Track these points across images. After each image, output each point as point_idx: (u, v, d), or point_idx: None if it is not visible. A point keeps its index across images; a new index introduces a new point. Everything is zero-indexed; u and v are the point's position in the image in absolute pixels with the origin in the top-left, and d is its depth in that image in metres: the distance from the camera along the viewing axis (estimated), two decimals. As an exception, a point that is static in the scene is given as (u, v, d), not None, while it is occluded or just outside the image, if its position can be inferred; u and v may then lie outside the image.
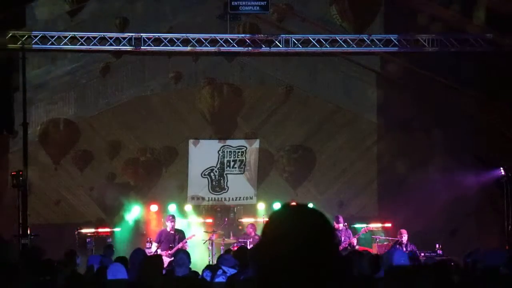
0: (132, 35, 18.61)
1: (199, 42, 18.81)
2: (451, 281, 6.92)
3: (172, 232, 16.35)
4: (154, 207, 18.87)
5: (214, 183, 19.61)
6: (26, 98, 17.73)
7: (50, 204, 19.28)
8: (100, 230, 18.35)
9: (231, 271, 8.84)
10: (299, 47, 18.99)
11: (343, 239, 16.70)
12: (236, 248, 14.64)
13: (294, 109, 20.01)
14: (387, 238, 17.85)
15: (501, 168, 17.75)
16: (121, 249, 16.98)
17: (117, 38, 18.64)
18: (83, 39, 18.45)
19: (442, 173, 18.97)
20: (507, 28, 18.13)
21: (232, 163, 19.59)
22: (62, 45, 18.38)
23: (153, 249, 15.95)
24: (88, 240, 18.06)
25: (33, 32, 18.23)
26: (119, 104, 19.58)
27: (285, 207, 2.37)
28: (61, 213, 19.30)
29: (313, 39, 18.93)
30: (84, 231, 18.14)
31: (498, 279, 6.57)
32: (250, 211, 19.38)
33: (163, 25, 19.11)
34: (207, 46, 18.84)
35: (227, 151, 19.59)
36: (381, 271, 8.53)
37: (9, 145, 18.78)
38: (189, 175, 19.50)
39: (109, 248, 15.09)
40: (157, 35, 18.71)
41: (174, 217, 16.82)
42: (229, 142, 19.66)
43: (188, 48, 18.87)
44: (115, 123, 19.59)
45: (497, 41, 18.63)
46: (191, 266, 9.73)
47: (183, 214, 18.98)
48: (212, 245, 16.98)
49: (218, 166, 19.60)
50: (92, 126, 19.50)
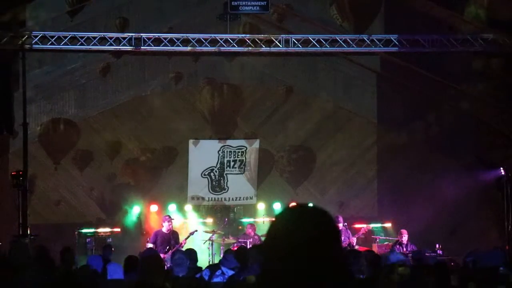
0: (132, 35, 18.61)
1: (199, 42, 18.80)
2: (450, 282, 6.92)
3: (168, 233, 16.10)
4: (154, 207, 18.86)
5: (214, 183, 19.60)
6: (26, 98, 17.74)
7: (50, 204, 19.28)
8: (100, 230, 18.35)
9: (229, 273, 8.85)
10: (299, 47, 18.99)
11: (342, 239, 16.71)
12: (236, 248, 14.67)
13: (294, 109, 20.01)
14: (387, 238, 17.86)
15: (501, 168, 17.75)
16: (121, 249, 16.97)
17: (117, 38, 18.64)
18: (83, 39, 18.45)
19: (442, 173, 18.97)
20: (507, 28, 18.13)
21: (232, 163, 19.59)
22: (62, 45, 18.37)
23: (149, 250, 15.89)
24: (88, 240, 18.07)
25: (33, 32, 18.23)
26: (119, 104, 19.58)
27: (291, 207, 2.40)
28: (61, 213, 19.30)
29: (313, 39, 18.92)
30: (84, 231, 18.15)
31: (498, 278, 6.58)
32: (250, 211, 19.39)
33: (163, 25, 19.11)
34: (207, 46, 18.84)
35: (227, 151, 19.58)
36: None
37: (9, 145, 18.78)
38: (189, 175, 19.50)
39: (108, 248, 15.07)
40: (157, 35, 18.71)
41: (170, 217, 16.56)
42: (229, 142, 19.65)
43: (188, 48, 18.87)
44: (115, 123, 19.58)
45: (497, 41, 18.63)
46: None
47: (183, 214, 18.99)
48: (212, 245, 16.97)
49: (218, 166, 19.60)
50: (92, 126, 19.50)
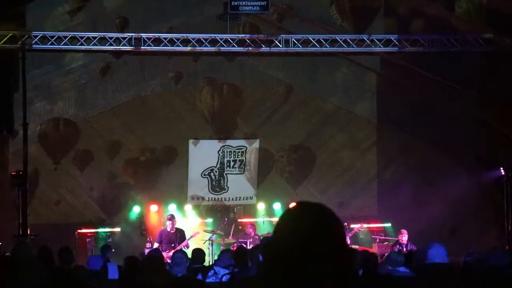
0: (132, 35, 18.61)
1: (199, 42, 18.81)
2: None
3: (172, 231, 16.37)
4: (154, 207, 18.87)
5: (214, 183, 19.60)
6: (26, 98, 17.74)
7: (50, 204, 19.28)
8: (100, 230, 18.36)
9: (221, 272, 8.85)
10: (299, 47, 18.99)
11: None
12: (235, 248, 14.66)
13: (294, 109, 20.01)
14: (387, 238, 17.87)
15: (501, 168, 17.75)
16: (121, 249, 16.98)
17: (117, 38, 18.64)
18: (83, 39, 18.46)
19: (442, 173, 18.97)
20: (507, 28, 18.13)
21: (232, 163, 19.59)
22: (62, 45, 18.38)
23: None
24: (88, 240, 18.08)
25: (33, 32, 18.23)
26: (119, 104, 19.58)
27: (293, 206, 2.40)
28: (61, 213, 19.30)
29: (313, 39, 18.92)
30: (84, 231, 18.16)
31: (499, 279, 6.56)
32: (250, 211, 19.39)
33: (163, 25, 19.11)
34: (207, 46, 18.84)
35: (227, 151, 19.58)
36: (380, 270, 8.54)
37: (9, 145, 18.78)
38: (189, 175, 19.50)
39: (107, 248, 15.05)
40: (157, 35, 18.71)
41: (173, 216, 16.84)
42: (229, 142, 19.65)
43: (188, 48, 18.87)
44: (115, 123, 19.59)
45: (497, 41, 18.64)
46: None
47: (183, 214, 19.00)
48: (212, 245, 16.98)
49: (218, 166, 19.60)
50: (92, 126, 19.50)
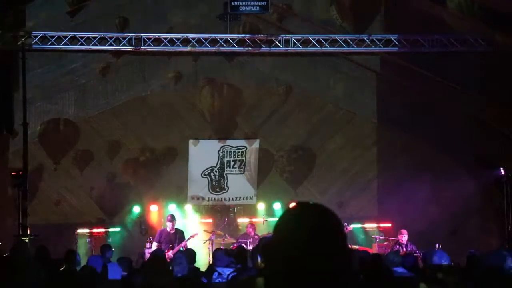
0: (132, 35, 18.61)
1: (199, 42, 18.81)
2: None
3: (172, 232, 16.39)
4: (154, 207, 18.88)
5: (214, 183, 19.60)
6: (26, 98, 17.72)
7: (50, 204, 19.27)
8: (100, 230, 18.36)
9: (226, 272, 8.85)
10: (299, 47, 18.99)
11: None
12: (235, 247, 14.66)
13: (294, 109, 20.01)
14: (387, 238, 17.87)
15: (501, 168, 17.75)
16: (121, 249, 16.99)
17: (117, 38, 18.64)
18: (83, 39, 18.46)
19: (442, 173, 18.98)
20: (507, 28, 18.13)
21: (232, 163, 19.59)
22: (62, 45, 18.38)
23: (153, 249, 15.95)
24: (88, 240, 18.09)
25: (33, 32, 18.23)
26: (119, 104, 19.58)
27: (292, 206, 2.40)
28: (61, 213, 19.29)
29: (313, 39, 18.93)
30: (84, 231, 18.16)
31: (500, 279, 6.56)
32: (250, 211, 19.39)
33: (163, 25, 19.11)
34: (207, 46, 18.85)
35: (227, 151, 19.58)
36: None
37: (9, 145, 18.77)
38: (189, 175, 19.49)
39: (108, 248, 15.05)
40: (157, 35, 18.71)
41: (173, 217, 16.87)
42: (229, 142, 19.65)
43: (188, 48, 18.87)
44: (115, 123, 19.58)
45: (497, 41, 18.63)
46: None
47: (183, 214, 19.00)
48: (212, 245, 16.98)
49: (218, 166, 19.59)
50: (92, 126, 19.49)
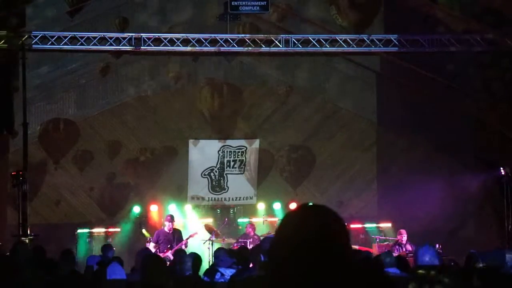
0: (132, 35, 18.60)
1: (199, 42, 18.80)
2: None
3: (170, 232, 16.33)
4: (154, 207, 18.87)
5: (214, 183, 19.60)
6: (26, 98, 17.71)
7: (50, 204, 19.27)
8: (99, 230, 18.35)
9: (228, 272, 8.84)
10: (299, 47, 18.99)
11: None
12: (236, 247, 14.66)
13: (294, 109, 20.01)
14: (387, 238, 17.86)
15: (501, 168, 17.75)
16: (121, 249, 16.98)
17: (117, 38, 18.63)
18: (83, 39, 18.45)
19: (442, 173, 18.98)
20: (507, 28, 18.13)
21: (232, 163, 19.59)
22: (62, 45, 18.37)
23: (151, 249, 15.93)
24: (88, 240, 18.08)
25: (33, 32, 18.22)
26: (119, 104, 19.58)
27: (297, 207, 2.39)
28: (61, 213, 19.29)
29: (313, 39, 18.92)
30: (84, 231, 18.15)
31: (500, 279, 6.56)
32: (250, 211, 19.39)
33: (163, 25, 19.11)
34: (207, 46, 18.83)
35: (227, 151, 19.58)
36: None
37: (9, 145, 18.77)
38: (189, 175, 19.49)
39: (108, 247, 15.05)
40: (157, 35, 18.70)
41: (173, 217, 16.81)
42: (229, 142, 19.65)
43: (188, 48, 18.87)
44: (115, 123, 19.58)
45: (497, 41, 18.64)
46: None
47: (183, 214, 19.00)
48: (212, 245, 16.97)
49: (218, 166, 19.59)
50: (92, 126, 19.49)
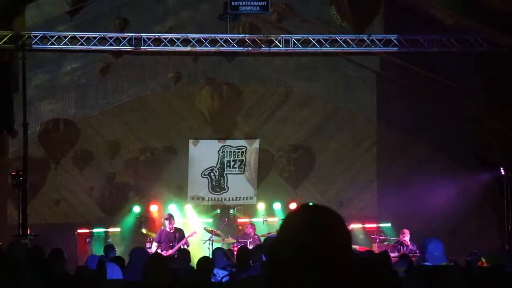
0: (132, 35, 18.60)
1: (199, 42, 18.80)
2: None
3: (171, 231, 16.38)
4: (154, 207, 18.87)
5: (214, 183, 19.60)
6: (26, 98, 17.72)
7: (50, 204, 19.27)
8: (100, 230, 18.35)
9: (220, 273, 8.84)
10: (299, 47, 18.98)
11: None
12: (236, 247, 14.66)
13: (294, 109, 20.02)
14: (387, 238, 17.87)
15: (501, 168, 17.75)
16: (121, 249, 16.99)
17: (117, 38, 18.63)
18: (83, 39, 18.44)
19: (442, 173, 18.98)
20: (507, 28, 18.13)
21: (232, 163, 19.59)
22: (62, 45, 18.37)
23: (153, 249, 15.96)
24: (88, 240, 18.09)
25: (33, 32, 18.22)
26: (119, 104, 19.58)
27: (301, 207, 2.39)
28: (61, 213, 19.29)
29: (313, 39, 18.92)
30: (84, 231, 18.15)
31: (501, 278, 6.56)
32: (250, 211, 19.39)
33: (163, 25, 19.11)
34: (207, 46, 18.83)
35: (227, 151, 19.58)
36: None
37: (9, 145, 18.77)
38: (189, 175, 19.50)
39: (110, 248, 15.07)
40: (157, 35, 18.70)
41: (171, 216, 16.82)
42: (229, 142, 19.65)
43: (188, 48, 18.86)
44: (115, 123, 19.58)
45: (497, 41, 18.64)
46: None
47: (183, 214, 19.00)
48: (212, 245, 16.97)
49: (218, 166, 19.60)
50: (92, 126, 19.49)
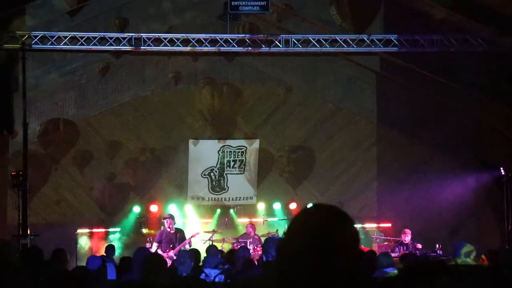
0: (132, 35, 18.61)
1: (199, 42, 18.80)
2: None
3: (172, 231, 16.39)
4: (154, 207, 18.88)
5: (214, 183, 19.61)
6: (26, 98, 17.71)
7: (50, 204, 19.27)
8: (100, 230, 18.36)
9: (212, 273, 8.86)
10: (299, 47, 18.99)
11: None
12: (236, 247, 14.67)
13: (294, 109, 20.01)
14: (387, 238, 17.88)
15: (501, 168, 17.76)
16: (121, 249, 17.01)
17: (117, 38, 18.64)
18: (83, 39, 18.45)
19: (442, 173, 18.99)
20: (507, 28, 18.13)
21: (232, 163, 19.60)
22: (62, 45, 18.38)
23: (153, 249, 15.97)
24: (88, 240, 18.09)
25: (33, 32, 18.23)
26: (119, 104, 19.57)
27: (312, 206, 2.40)
28: (61, 213, 19.29)
29: (313, 39, 18.93)
30: (84, 231, 18.15)
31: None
32: (250, 211, 19.39)
33: (163, 25, 19.10)
34: (207, 46, 18.84)
35: (227, 151, 19.59)
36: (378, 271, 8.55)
37: (9, 145, 18.77)
38: (189, 175, 19.50)
39: (111, 248, 15.10)
40: (157, 35, 18.71)
41: (172, 216, 16.87)
42: (229, 142, 19.66)
43: (188, 48, 18.87)
44: (115, 123, 19.58)
45: (497, 41, 18.64)
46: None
47: (183, 214, 19.00)
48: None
49: (218, 166, 19.60)
50: (92, 126, 19.49)
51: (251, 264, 8.84)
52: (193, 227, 18.19)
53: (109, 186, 19.51)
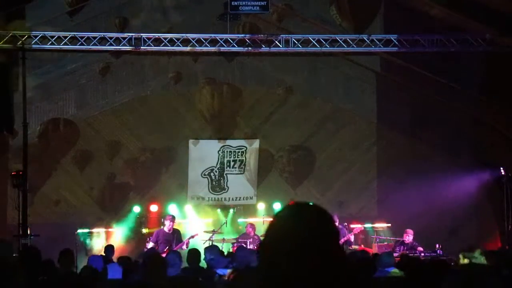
0: (132, 35, 18.61)
1: (199, 42, 18.81)
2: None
3: (169, 232, 16.31)
4: (154, 207, 18.87)
5: (214, 183, 19.61)
6: (26, 98, 17.72)
7: (50, 204, 19.27)
8: (100, 230, 18.35)
9: (226, 273, 8.86)
10: (299, 47, 18.99)
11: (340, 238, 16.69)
12: (236, 247, 14.66)
13: (294, 109, 20.00)
14: (387, 238, 17.88)
15: (501, 168, 17.76)
16: (121, 249, 17.00)
17: (117, 38, 18.64)
18: (83, 39, 18.46)
19: (442, 173, 18.97)
20: (507, 28, 18.13)
21: (232, 163, 19.59)
22: (62, 45, 18.38)
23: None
24: (88, 240, 18.08)
25: (33, 32, 18.23)
26: (119, 104, 19.58)
27: (290, 205, 2.40)
28: (61, 213, 19.29)
29: (313, 39, 18.93)
30: (84, 231, 18.15)
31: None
32: (250, 211, 19.39)
33: (163, 25, 19.10)
34: (207, 46, 18.84)
35: (227, 151, 19.59)
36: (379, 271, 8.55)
37: (9, 145, 18.78)
38: (189, 175, 19.50)
39: (110, 248, 15.10)
40: (157, 35, 18.71)
41: (174, 217, 16.82)
42: (229, 142, 19.66)
43: (188, 48, 18.87)
44: (115, 123, 19.58)
45: (497, 41, 18.64)
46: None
47: (183, 214, 19.00)
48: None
49: (218, 166, 19.60)
50: (92, 126, 19.49)
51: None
52: (193, 227, 18.18)
53: (109, 186, 19.51)
